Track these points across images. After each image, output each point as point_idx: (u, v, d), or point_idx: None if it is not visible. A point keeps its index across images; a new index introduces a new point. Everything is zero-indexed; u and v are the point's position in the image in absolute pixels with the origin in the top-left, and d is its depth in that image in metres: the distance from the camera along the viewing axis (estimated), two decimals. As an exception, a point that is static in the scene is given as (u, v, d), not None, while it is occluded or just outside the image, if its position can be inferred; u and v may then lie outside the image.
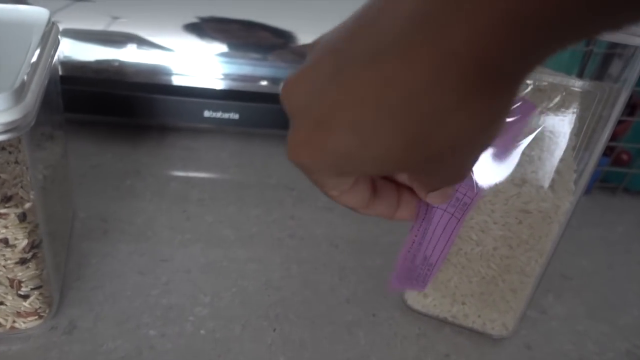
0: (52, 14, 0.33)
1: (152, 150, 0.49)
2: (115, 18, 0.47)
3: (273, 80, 0.49)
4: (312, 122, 0.18)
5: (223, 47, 0.47)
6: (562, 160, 0.31)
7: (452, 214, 0.29)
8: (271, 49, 0.48)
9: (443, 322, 0.36)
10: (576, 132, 0.31)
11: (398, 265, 0.28)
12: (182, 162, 0.49)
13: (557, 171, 0.31)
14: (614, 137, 0.42)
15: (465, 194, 0.29)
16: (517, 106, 0.28)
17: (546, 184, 0.31)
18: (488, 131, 0.17)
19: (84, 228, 0.40)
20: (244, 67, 0.48)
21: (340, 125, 0.17)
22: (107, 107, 0.48)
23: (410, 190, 0.24)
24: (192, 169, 0.48)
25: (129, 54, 0.47)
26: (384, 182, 0.24)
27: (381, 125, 0.17)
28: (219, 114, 0.48)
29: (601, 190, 0.52)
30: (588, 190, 0.51)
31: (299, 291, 0.38)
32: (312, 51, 0.19)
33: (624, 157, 0.50)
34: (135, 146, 0.49)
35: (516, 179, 0.31)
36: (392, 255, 0.41)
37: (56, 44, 0.34)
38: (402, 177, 0.24)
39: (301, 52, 0.49)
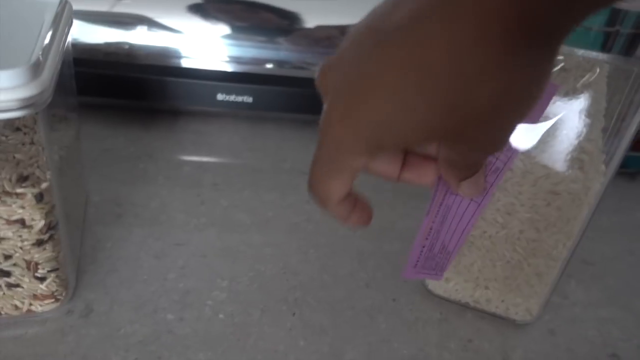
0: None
1: (164, 134, 0.49)
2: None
3: (287, 63, 0.48)
4: (350, 96, 0.18)
5: (236, 29, 0.46)
6: (591, 140, 0.30)
7: (471, 199, 0.29)
8: (286, 31, 0.47)
9: (465, 307, 0.36)
10: (604, 113, 0.30)
11: (413, 253, 0.27)
12: (195, 147, 0.48)
13: (587, 152, 0.30)
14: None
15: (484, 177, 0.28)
16: None
17: (576, 165, 0.30)
18: (528, 93, 0.17)
19: (98, 212, 0.39)
20: (258, 49, 0.47)
21: (384, 93, 0.17)
22: (118, 90, 0.47)
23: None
24: (204, 154, 0.47)
25: (140, 36, 0.46)
26: (412, 154, 0.23)
27: (423, 87, 0.16)
28: (232, 97, 0.47)
29: (620, 175, 0.51)
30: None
31: (317, 276, 0.37)
32: (348, 35, 0.19)
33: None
34: (147, 130, 0.49)
35: (545, 160, 0.30)
36: (410, 240, 0.40)
37: (69, 23, 0.33)
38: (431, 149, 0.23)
39: (317, 36, 0.48)
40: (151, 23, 0.46)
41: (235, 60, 0.47)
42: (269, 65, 0.48)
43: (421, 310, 0.35)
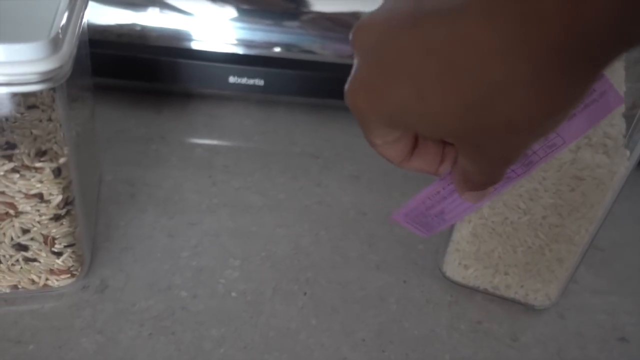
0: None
1: (175, 116, 0.49)
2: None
3: (298, 47, 0.48)
4: (376, 65, 0.17)
5: (246, 12, 0.46)
6: (614, 125, 0.30)
7: None
8: (297, 15, 0.47)
9: (480, 292, 0.36)
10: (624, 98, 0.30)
11: (412, 203, 0.27)
12: (206, 129, 0.48)
13: (611, 137, 0.30)
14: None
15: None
16: (601, 92, 0.23)
17: (600, 150, 0.30)
18: (553, 117, 0.16)
19: (111, 191, 0.40)
20: (269, 33, 0.47)
21: (404, 74, 0.17)
22: (131, 72, 0.47)
23: (454, 146, 0.23)
24: (216, 136, 0.47)
25: (152, 18, 0.46)
26: (427, 140, 0.23)
27: (444, 82, 0.16)
28: (244, 80, 0.47)
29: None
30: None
31: (328, 257, 0.37)
32: None
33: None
34: (159, 112, 0.49)
35: (570, 145, 0.30)
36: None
37: (85, 2, 0.33)
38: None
39: (328, 20, 0.47)
40: (163, 5, 0.46)
41: (246, 43, 0.47)
42: (280, 49, 0.48)
43: (432, 293, 0.36)
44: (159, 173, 0.42)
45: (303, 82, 0.48)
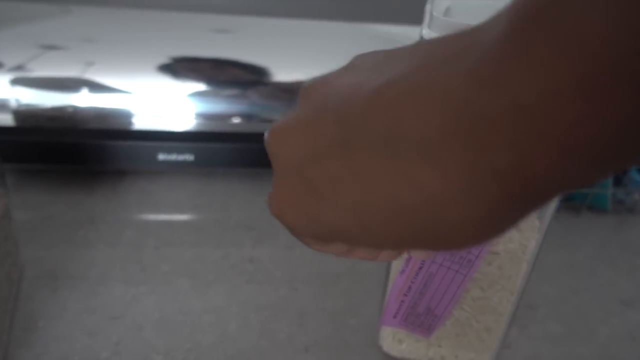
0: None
1: (108, 196, 0.48)
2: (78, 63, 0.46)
3: (228, 118, 0.48)
4: (305, 186, 0.17)
5: (176, 87, 0.47)
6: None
7: (457, 271, 0.28)
8: (229, 85, 0.47)
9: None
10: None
11: (390, 304, 0.27)
12: (138, 207, 0.47)
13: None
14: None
15: (469, 251, 0.28)
16: None
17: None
18: (499, 233, 0.16)
19: (33, 288, 0.39)
20: (202, 105, 0.47)
21: (341, 203, 0.16)
22: (59, 156, 0.47)
23: None
24: (149, 214, 0.47)
25: (82, 99, 0.46)
26: None
27: (389, 219, 0.15)
28: (173, 157, 0.47)
29: (565, 209, 0.52)
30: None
31: (255, 342, 0.36)
32: (309, 99, 0.17)
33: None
34: (89, 193, 0.48)
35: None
36: (354, 297, 0.40)
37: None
38: None
39: (263, 92, 0.48)
40: (91, 85, 0.46)
41: (173, 118, 0.47)
42: (209, 121, 0.48)
43: (361, 373, 0.35)
44: (85, 262, 0.41)
45: (234, 154, 0.48)
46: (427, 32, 0.25)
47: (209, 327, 0.37)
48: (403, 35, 0.50)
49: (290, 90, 0.48)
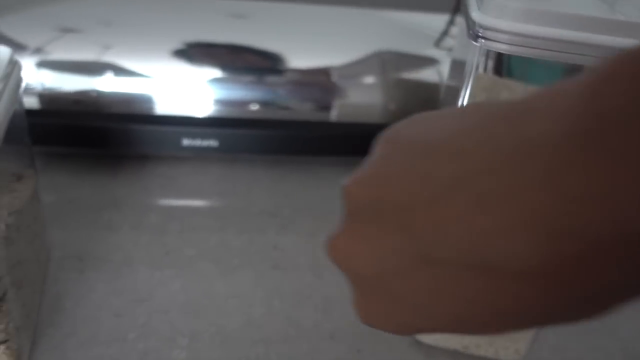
0: (12, 54, 0.32)
1: (131, 180, 0.48)
2: (97, 47, 0.46)
3: (252, 104, 0.48)
4: (391, 297, 0.17)
5: (197, 73, 0.46)
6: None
7: None
8: (248, 71, 0.47)
9: (452, 352, 0.35)
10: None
11: None
12: (162, 192, 0.47)
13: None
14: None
15: None
16: None
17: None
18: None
19: (60, 270, 0.39)
20: (222, 91, 0.47)
21: (440, 312, 0.16)
22: (85, 139, 0.47)
23: None
24: (172, 199, 0.47)
25: (106, 83, 0.46)
26: None
27: (487, 323, 0.15)
28: (197, 142, 0.47)
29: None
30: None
31: (281, 328, 0.36)
32: (356, 202, 0.17)
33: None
34: (113, 177, 0.48)
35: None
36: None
37: (19, 83, 0.33)
38: None
39: (288, 75, 0.47)
40: (114, 69, 0.46)
41: (198, 103, 0.47)
42: (233, 108, 0.47)
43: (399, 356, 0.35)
44: (110, 245, 0.41)
45: (258, 141, 0.48)
46: (478, 15, 0.24)
47: (234, 312, 0.37)
48: (424, 23, 0.49)
49: (310, 77, 0.47)
